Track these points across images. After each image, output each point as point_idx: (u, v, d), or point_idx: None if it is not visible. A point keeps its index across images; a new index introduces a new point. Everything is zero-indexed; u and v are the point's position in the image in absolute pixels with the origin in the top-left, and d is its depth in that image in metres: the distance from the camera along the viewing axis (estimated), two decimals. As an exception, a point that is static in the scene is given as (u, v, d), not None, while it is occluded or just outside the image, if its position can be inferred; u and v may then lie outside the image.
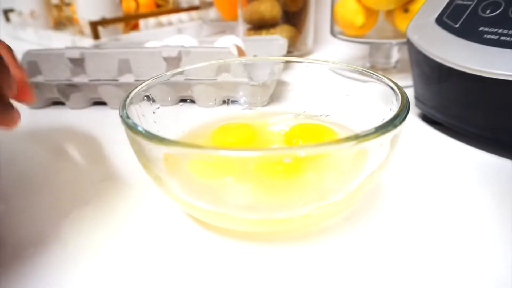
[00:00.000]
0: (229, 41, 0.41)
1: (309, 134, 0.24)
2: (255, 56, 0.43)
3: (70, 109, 0.38)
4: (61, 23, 0.80)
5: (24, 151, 0.29)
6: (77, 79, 0.37)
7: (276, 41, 0.45)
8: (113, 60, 0.36)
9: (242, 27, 0.56)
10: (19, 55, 0.37)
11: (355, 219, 0.20)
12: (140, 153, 0.18)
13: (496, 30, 0.25)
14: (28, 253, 0.19)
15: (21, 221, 0.21)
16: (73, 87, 0.37)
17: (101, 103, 0.38)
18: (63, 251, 0.19)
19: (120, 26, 0.67)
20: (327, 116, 0.26)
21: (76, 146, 0.30)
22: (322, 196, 0.18)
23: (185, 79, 0.26)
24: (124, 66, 0.37)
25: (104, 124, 0.34)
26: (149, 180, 0.20)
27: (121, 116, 0.18)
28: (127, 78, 0.36)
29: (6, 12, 0.84)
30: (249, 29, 0.56)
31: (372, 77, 0.22)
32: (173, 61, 0.36)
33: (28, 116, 0.37)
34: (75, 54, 0.36)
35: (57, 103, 0.39)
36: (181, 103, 0.27)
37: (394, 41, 0.42)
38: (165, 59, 0.36)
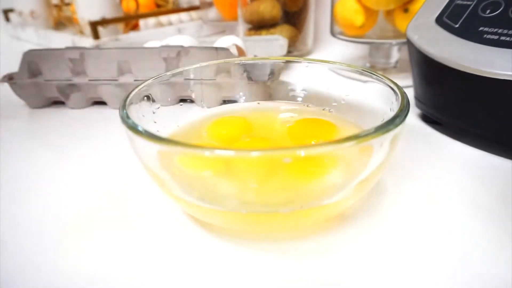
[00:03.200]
0: (229, 41, 0.41)
1: (310, 130, 0.24)
2: (255, 56, 0.43)
3: (70, 108, 0.38)
4: (61, 23, 0.80)
5: (24, 150, 0.29)
6: (77, 79, 0.37)
7: (276, 41, 0.45)
8: (113, 60, 0.36)
9: (242, 27, 0.56)
10: (19, 55, 0.37)
11: (354, 219, 0.20)
12: (140, 153, 0.18)
13: (496, 30, 0.25)
14: (28, 254, 0.19)
15: (21, 221, 0.21)
16: (73, 87, 0.37)
17: (101, 103, 0.38)
18: (63, 251, 0.19)
19: (120, 26, 0.67)
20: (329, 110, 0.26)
21: (75, 146, 0.30)
22: (321, 195, 0.18)
23: (184, 79, 0.26)
24: (124, 66, 0.37)
25: (104, 124, 0.34)
26: (149, 180, 0.20)
27: (121, 116, 0.18)
28: (127, 78, 0.36)
29: (6, 12, 0.84)
30: (249, 29, 0.55)
31: (372, 77, 0.22)
32: (173, 61, 0.36)
33: (28, 115, 0.37)
34: (75, 54, 0.36)
35: (57, 102, 0.39)
36: (181, 103, 0.27)
37: (394, 41, 0.42)
38: (165, 59, 0.36)
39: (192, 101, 0.28)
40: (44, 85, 0.37)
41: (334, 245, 0.18)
